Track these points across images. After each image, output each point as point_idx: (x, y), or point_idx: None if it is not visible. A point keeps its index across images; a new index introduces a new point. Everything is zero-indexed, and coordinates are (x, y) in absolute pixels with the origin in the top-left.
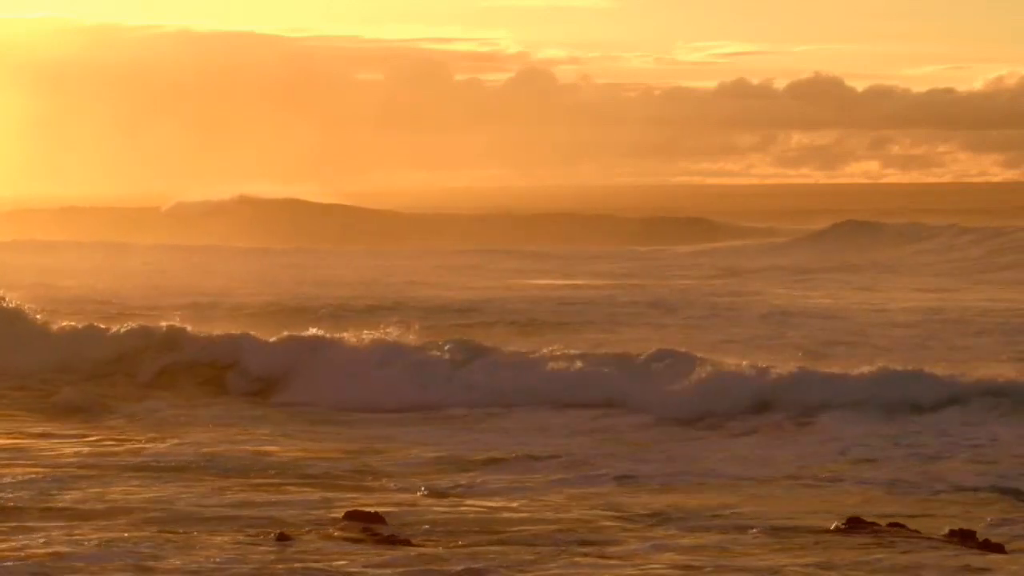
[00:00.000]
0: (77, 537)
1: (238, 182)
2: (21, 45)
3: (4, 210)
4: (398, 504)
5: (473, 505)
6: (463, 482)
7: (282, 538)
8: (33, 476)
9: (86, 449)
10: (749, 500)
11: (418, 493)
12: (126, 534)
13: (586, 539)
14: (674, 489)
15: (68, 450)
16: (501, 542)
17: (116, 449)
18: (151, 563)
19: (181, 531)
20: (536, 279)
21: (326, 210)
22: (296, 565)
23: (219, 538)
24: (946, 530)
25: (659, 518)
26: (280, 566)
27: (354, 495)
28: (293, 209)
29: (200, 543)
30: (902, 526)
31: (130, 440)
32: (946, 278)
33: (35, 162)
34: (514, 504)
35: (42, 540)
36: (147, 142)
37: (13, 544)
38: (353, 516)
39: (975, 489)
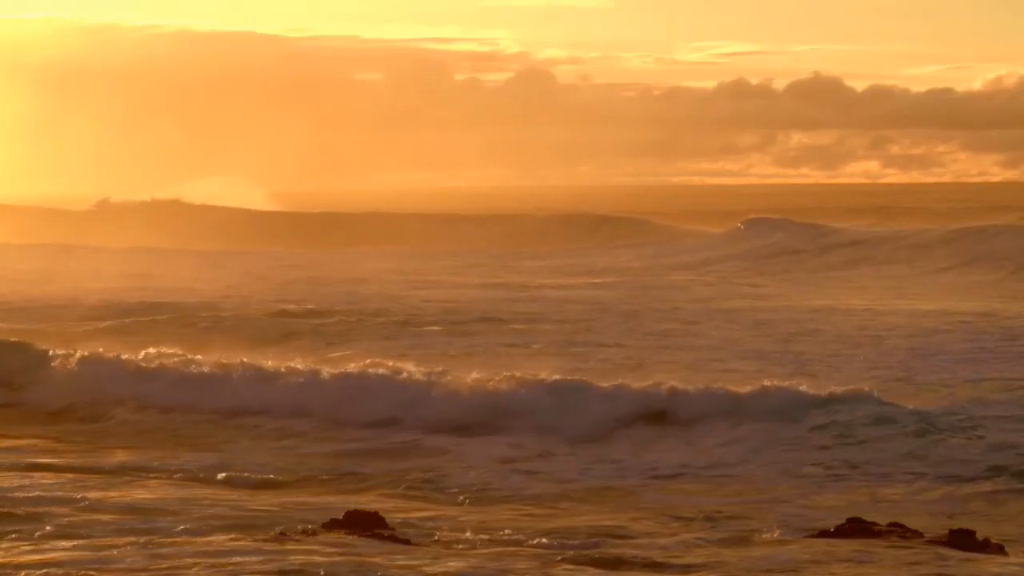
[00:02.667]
0: (76, 542)
1: (237, 181)
2: (21, 45)
3: None
4: (399, 505)
5: (472, 507)
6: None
7: (282, 538)
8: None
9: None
10: (747, 500)
11: (418, 494)
12: (126, 536)
13: (585, 541)
14: (673, 488)
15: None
16: (499, 543)
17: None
18: (151, 563)
19: (180, 532)
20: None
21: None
22: (296, 565)
23: (219, 538)
24: (946, 530)
25: (654, 519)
26: (280, 566)
27: (353, 496)
28: (220, 214)
29: (200, 543)
30: (902, 526)
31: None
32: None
33: (35, 162)
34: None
35: (30, 547)
36: (147, 142)
37: (11, 549)
38: (353, 516)
39: (975, 488)
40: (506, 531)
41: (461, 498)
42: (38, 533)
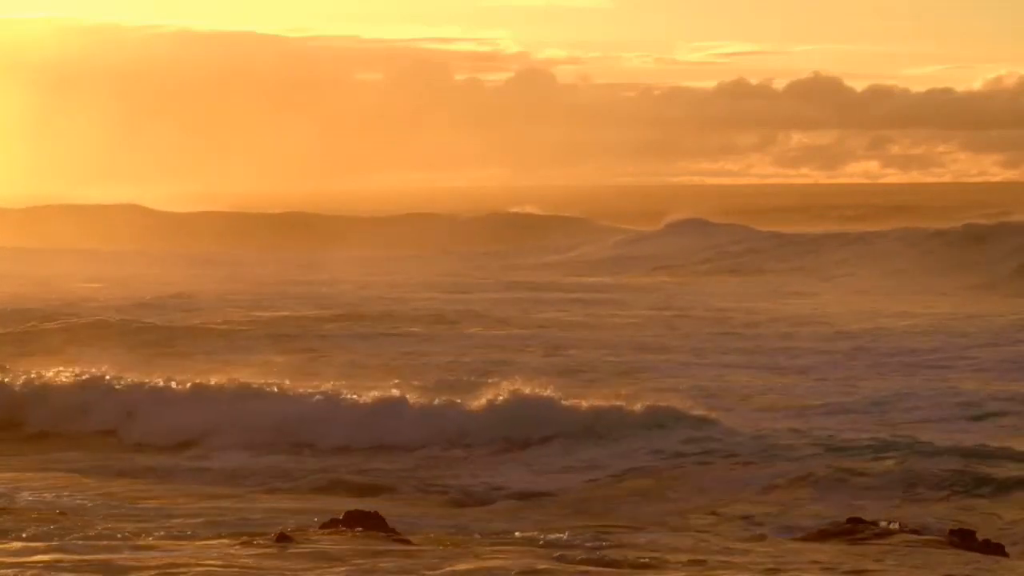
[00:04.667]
0: (78, 542)
1: (236, 182)
2: (21, 45)
3: None
4: (399, 504)
5: (472, 507)
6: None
7: (282, 538)
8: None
9: None
10: (746, 501)
11: (418, 495)
12: (122, 535)
13: (587, 541)
14: (672, 489)
15: None
16: (499, 543)
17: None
18: (149, 563)
19: (179, 532)
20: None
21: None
22: (296, 565)
23: (219, 539)
24: (946, 530)
25: (654, 519)
26: (280, 566)
27: (354, 497)
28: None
29: (199, 544)
30: (902, 526)
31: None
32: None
33: (35, 162)
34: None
35: (20, 546)
36: (147, 142)
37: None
38: (353, 516)
39: (974, 489)
40: (507, 530)
41: (461, 498)
42: (43, 533)
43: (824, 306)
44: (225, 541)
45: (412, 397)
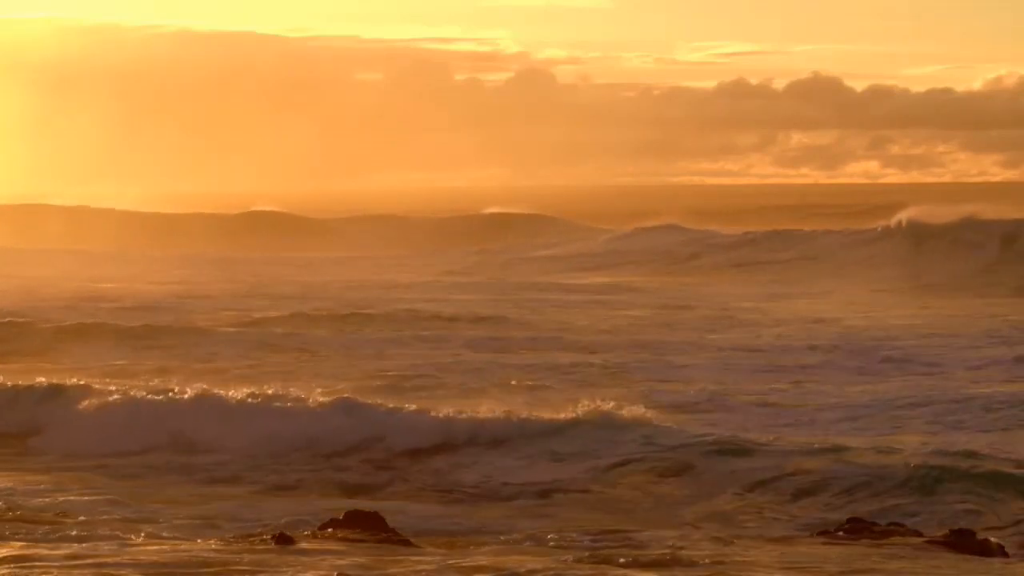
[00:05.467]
0: (78, 542)
1: (236, 182)
2: (21, 45)
3: None
4: (399, 505)
5: (471, 507)
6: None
7: (282, 539)
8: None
9: None
10: (745, 501)
11: (419, 495)
12: (122, 535)
13: (588, 540)
14: (672, 488)
15: None
16: (499, 543)
17: None
18: (149, 561)
19: (181, 532)
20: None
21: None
22: (296, 565)
23: (219, 539)
24: (946, 530)
25: (655, 518)
26: (280, 566)
27: (355, 497)
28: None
29: (200, 544)
30: (902, 526)
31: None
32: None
33: (35, 162)
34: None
35: (20, 546)
36: (147, 142)
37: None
38: (353, 516)
39: (973, 489)
40: (506, 531)
41: (460, 498)
42: (45, 534)
43: (823, 306)
44: (225, 541)
45: (372, 400)
